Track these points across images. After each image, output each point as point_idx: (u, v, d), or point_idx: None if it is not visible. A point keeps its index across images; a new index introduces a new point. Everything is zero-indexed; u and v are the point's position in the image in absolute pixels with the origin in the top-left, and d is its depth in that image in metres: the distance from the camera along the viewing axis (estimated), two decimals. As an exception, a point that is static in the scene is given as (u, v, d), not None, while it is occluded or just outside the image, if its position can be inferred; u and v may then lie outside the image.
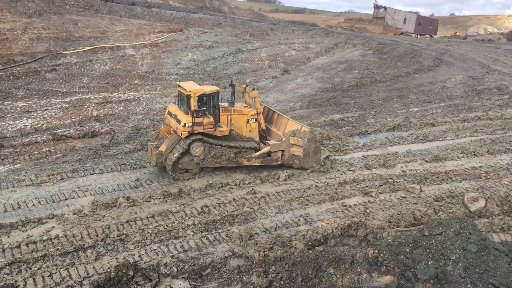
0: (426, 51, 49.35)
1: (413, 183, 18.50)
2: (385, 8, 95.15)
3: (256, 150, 19.36)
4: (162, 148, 18.37)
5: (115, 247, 13.21)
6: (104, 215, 14.98)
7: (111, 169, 18.84)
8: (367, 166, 20.17)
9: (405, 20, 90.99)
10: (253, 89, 20.51)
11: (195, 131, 17.97)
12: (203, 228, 14.45)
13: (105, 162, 19.58)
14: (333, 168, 19.79)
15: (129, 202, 15.79)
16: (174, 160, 17.92)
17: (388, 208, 16.35)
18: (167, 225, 14.46)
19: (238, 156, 19.01)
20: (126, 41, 43.77)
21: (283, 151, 19.48)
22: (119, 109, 27.95)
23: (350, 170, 19.71)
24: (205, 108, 18.18)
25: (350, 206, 16.39)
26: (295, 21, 78.79)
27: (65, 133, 22.94)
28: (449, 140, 24.27)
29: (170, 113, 19.25)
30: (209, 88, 18.56)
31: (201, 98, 18.07)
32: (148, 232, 13.96)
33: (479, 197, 16.73)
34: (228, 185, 17.67)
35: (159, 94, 31.98)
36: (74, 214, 14.98)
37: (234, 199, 16.52)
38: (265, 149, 19.37)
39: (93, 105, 28.13)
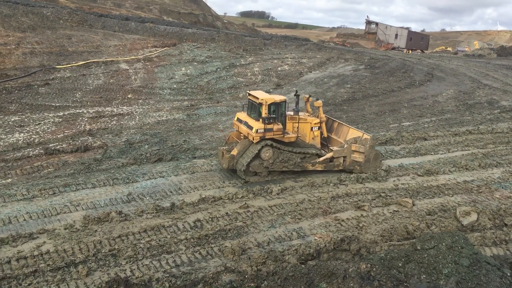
0: (418, 66, 49.88)
1: (406, 197, 18.56)
2: (377, 24, 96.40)
3: (319, 156, 20.63)
4: (234, 152, 19.78)
5: (107, 262, 13.10)
6: (96, 230, 14.87)
7: (104, 183, 18.74)
8: (359, 180, 20.23)
9: (396, 35, 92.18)
10: (317, 99, 22.07)
11: (266, 137, 19.29)
12: (195, 242, 14.38)
13: (97, 176, 19.49)
14: (326, 182, 19.85)
15: (121, 217, 15.69)
16: (246, 164, 19.14)
17: (380, 222, 16.37)
18: (159, 240, 14.37)
19: (303, 161, 20.29)
20: (120, 56, 43.88)
21: (344, 157, 20.80)
22: (112, 123, 27.93)
23: (343, 184, 19.76)
24: (274, 115, 19.41)
25: (343, 220, 16.39)
26: (288, 36, 79.51)
27: (58, 147, 22.85)
28: (441, 154, 24.41)
29: (239, 120, 20.58)
30: (278, 97, 19.81)
31: (271, 106, 19.32)
32: (140, 247, 13.86)
33: (471, 211, 16.79)
34: (221, 199, 17.63)
35: (153, 108, 32.01)
36: (65, 229, 14.86)
37: (227, 213, 16.47)
38: (329, 155, 20.72)
39: (86, 119, 28.09)
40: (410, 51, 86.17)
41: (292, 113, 20.95)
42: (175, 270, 12.85)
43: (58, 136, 24.84)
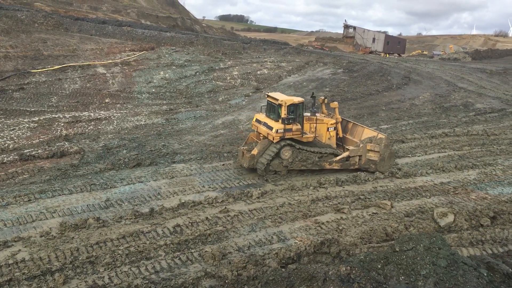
0: (395, 69, 50.51)
1: (384, 199, 18.74)
2: (354, 28, 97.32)
3: (336, 155, 21.52)
4: (254, 151, 20.52)
5: (84, 269, 12.86)
6: (73, 237, 14.60)
7: (81, 189, 18.44)
8: (338, 183, 20.35)
9: (374, 39, 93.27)
10: (333, 101, 23.07)
11: (286, 137, 20.17)
12: (175, 248, 14.24)
13: (74, 182, 19.17)
14: (306, 185, 19.91)
15: (99, 223, 15.44)
16: (266, 163, 20.06)
17: (360, 225, 16.49)
18: (138, 246, 14.18)
19: (321, 160, 21.19)
20: (97, 60, 43.34)
21: (360, 156, 21.62)
22: (89, 128, 27.54)
23: (323, 187, 19.85)
24: (293, 116, 20.21)
25: (322, 223, 16.45)
26: (267, 40, 79.66)
27: (33, 153, 22.40)
28: (418, 156, 24.76)
29: (258, 121, 21.50)
30: (297, 99, 20.60)
31: (290, 107, 20.08)
32: (118, 254, 13.65)
33: (448, 212, 17.05)
34: (201, 204, 17.51)
35: (131, 112, 31.67)
36: (41, 236, 14.55)
37: (206, 218, 16.36)
38: (345, 154, 21.60)
39: (62, 124, 27.62)
40: (387, 55, 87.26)
41: (309, 114, 21.82)
42: (155, 277, 12.69)
43: (34, 141, 24.36)
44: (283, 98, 20.37)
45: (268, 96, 21.33)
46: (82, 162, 21.69)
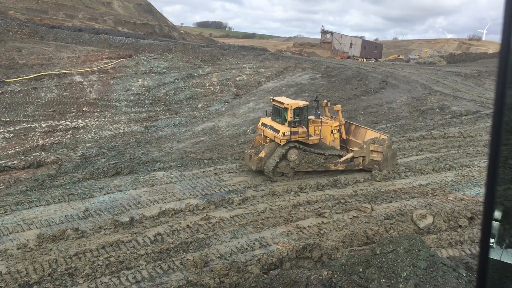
0: (372, 74, 51.12)
1: (365, 203, 18.90)
2: (332, 33, 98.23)
3: (340, 156, 22.08)
4: (262, 154, 21.02)
5: (63, 282, 12.61)
6: (51, 249, 14.31)
7: (58, 200, 18.12)
8: (319, 187, 20.45)
9: (351, 44, 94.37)
10: (336, 104, 24.15)
11: (292, 139, 20.72)
12: (156, 257, 14.08)
13: (51, 193, 18.82)
14: (287, 190, 19.95)
15: (78, 234, 15.18)
16: (274, 165, 20.52)
17: (341, 228, 16.58)
18: (118, 256, 13.98)
19: (326, 161, 21.67)
20: (73, 68, 42.74)
21: (364, 157, 22.23)
22: (66, 137, 27.12)
23: (303, 192, 19.92)
24: (299, 119, 20.82)
25: (304, 228, 16.49)
26: (245, 46, 79.95)
27: (9, 164, 21.95)
28: (397, 159, 25.02)
29: (264, 124, 22.15)
30: (302, 103, 21.46)
31: (295, 111, 20.69)
32: (98, 264, 13.44)
33: (427, 213, 17.27)
34: (182, 212, 17.38)
35: (109, 121, 31.32)
36: (18, 249, 14.23)
37: (188, 225, 16.24)
38: (349, 155, 22.25)
39: (38, 134, 27.14)
40: (364, 60, 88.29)
41: (313, 117, 22.50)
42: (136, 287, 12.52)
43: (9, 152, 23.87)
44: (289, 102, 21.08)
45: (273, 100, 21.95)
46: (60, 172, 21.33)
